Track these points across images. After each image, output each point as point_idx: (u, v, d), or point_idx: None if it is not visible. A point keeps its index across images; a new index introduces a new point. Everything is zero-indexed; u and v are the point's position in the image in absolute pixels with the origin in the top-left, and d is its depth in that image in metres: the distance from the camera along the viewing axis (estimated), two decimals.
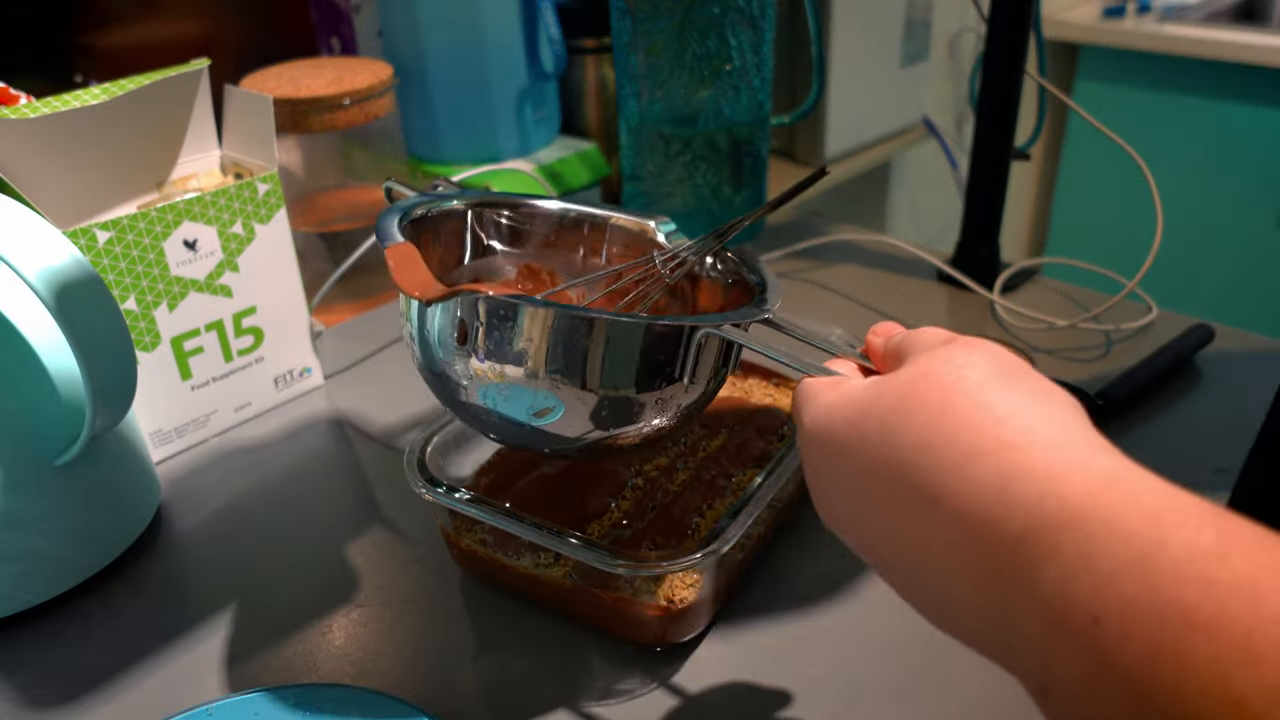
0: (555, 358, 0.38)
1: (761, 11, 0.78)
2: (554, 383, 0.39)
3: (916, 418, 0.27)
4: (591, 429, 0.40)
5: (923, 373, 0.29)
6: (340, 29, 1.01)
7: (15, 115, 0.54)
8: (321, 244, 0.83)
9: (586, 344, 0.38)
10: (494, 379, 0.39)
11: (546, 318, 0.38)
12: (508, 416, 0.41)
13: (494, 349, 0.39)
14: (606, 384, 0.39)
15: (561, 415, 0.40)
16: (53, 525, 0.50)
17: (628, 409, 0.40)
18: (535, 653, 0.47)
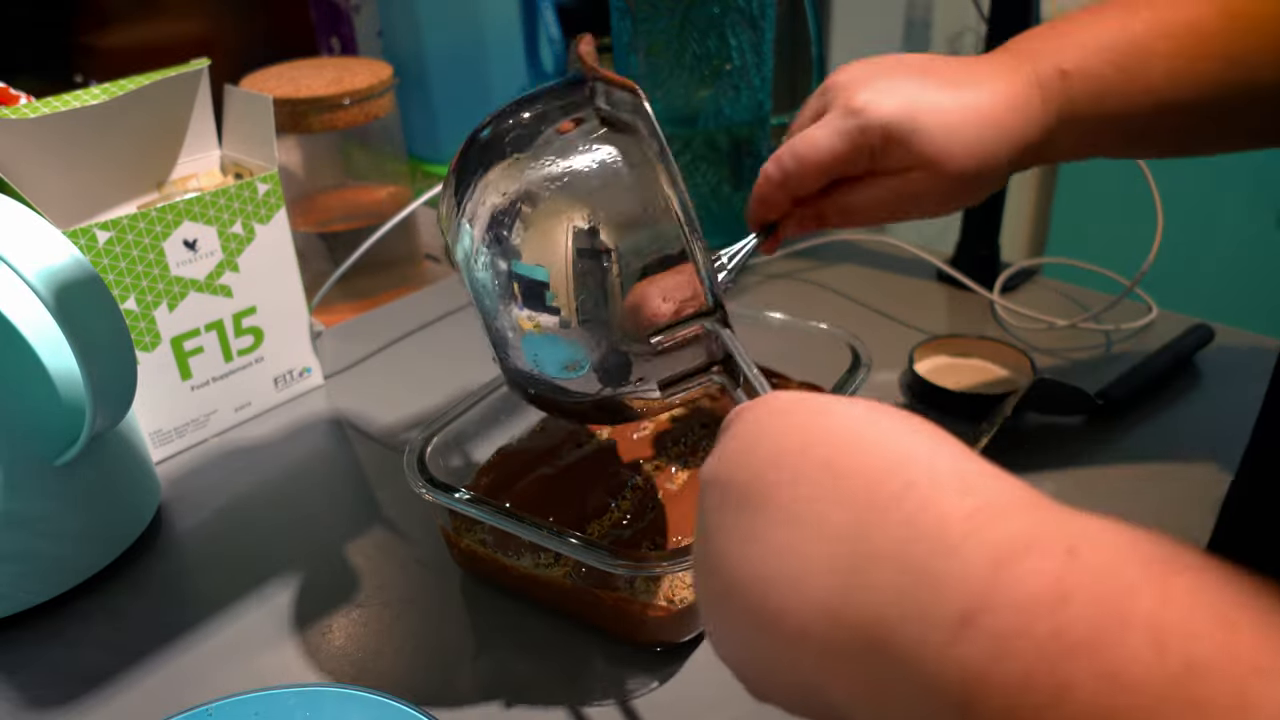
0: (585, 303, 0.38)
1: (761, 11, 0.78)
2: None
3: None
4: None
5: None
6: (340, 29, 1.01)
7: (15, 115, 0.54)
8: (321, 244, 0.83)
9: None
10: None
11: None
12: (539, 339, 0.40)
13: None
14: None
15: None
16: (53, 525, 0.50)
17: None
18: (535, 653, 0.47)
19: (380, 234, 0.74)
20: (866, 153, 0.47)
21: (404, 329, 0.77)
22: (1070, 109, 0.46)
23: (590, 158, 0.38)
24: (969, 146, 0.46)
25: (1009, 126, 0.46)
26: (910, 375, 0.65)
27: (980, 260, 0.78)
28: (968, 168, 0.46)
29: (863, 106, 0.46)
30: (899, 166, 0.47)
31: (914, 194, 0.47)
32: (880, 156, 0.47)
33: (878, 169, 0.48)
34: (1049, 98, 0.46)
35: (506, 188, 0.39)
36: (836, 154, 0.47)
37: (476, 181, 0.40)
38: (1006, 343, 0.67)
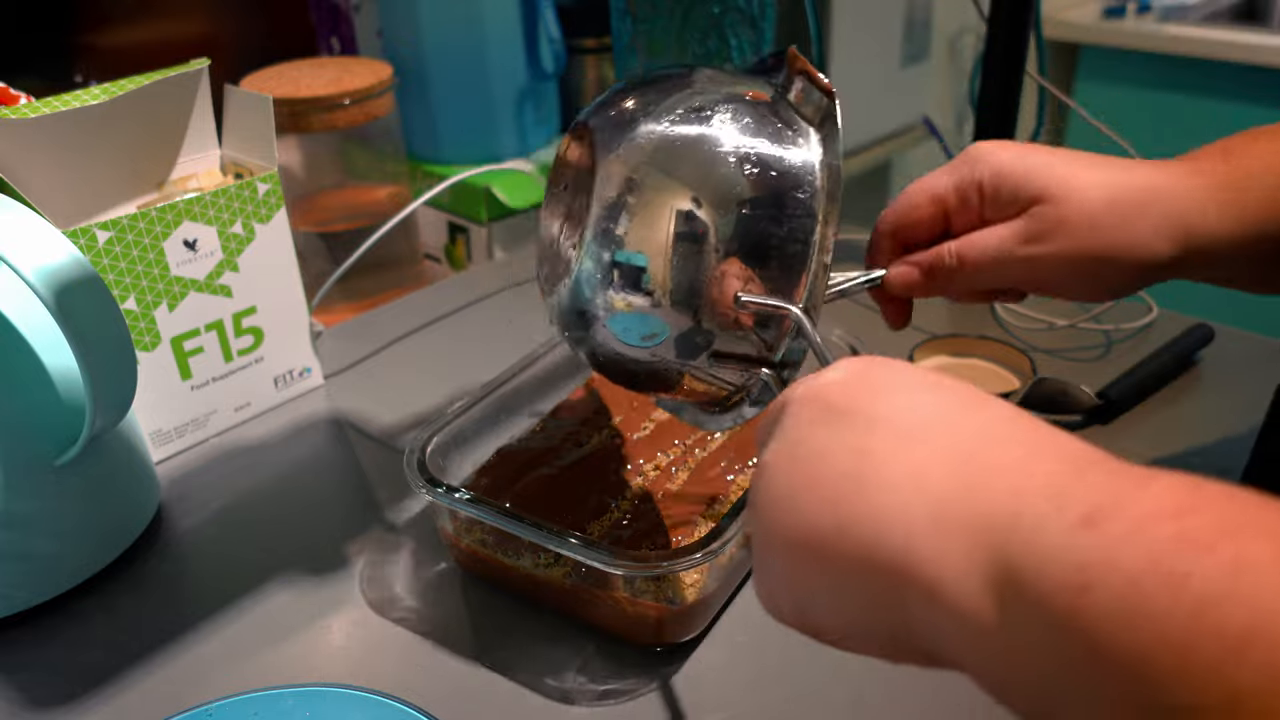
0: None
1: (761, 11, 0.78)
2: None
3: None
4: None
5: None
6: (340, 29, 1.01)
7: (15, 115, 0.54)
8: (321, 244, 0.83)
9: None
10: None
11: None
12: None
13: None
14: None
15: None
16: (53, 525, 0.50)
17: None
18: (535, 653, 0.47)
19: (380, 234, 0.74)
20: (975, 191, 0.43)
21: (404, 329, 0.77)
22: (1232, 181, 0.41)
23: (758, 128, 0.39)
24: (1104, 187, 0.41)
25: (1160, 189, 0.41)
26: None
27: None
28: (1102, 212, 0.40)
29: (979, 152, 0.43)
30: (1016, 204, 0.42)
31: (1040, 238, 0.42)
32: (992, 196, 0.43)
33: (993, 216, 0.43)
34: (1207, 171, 0.41)
35: (661, 114, 0.40)
36: (941, 187, 0.44)
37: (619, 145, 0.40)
38: (1006, 343, 0.67)
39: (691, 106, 0.40)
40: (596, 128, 0.41)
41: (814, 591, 0.27)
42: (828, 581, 0.26)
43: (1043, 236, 0.42)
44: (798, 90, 0.41)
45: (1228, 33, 1.59)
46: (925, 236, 0.46)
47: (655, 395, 0.46)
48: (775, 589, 0.29)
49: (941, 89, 1.62)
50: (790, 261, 0.39)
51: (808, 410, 0.29)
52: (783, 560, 0.28)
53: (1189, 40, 1.61)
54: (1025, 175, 0.42)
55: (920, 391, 0.28)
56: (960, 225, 0.45)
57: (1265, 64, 1.55)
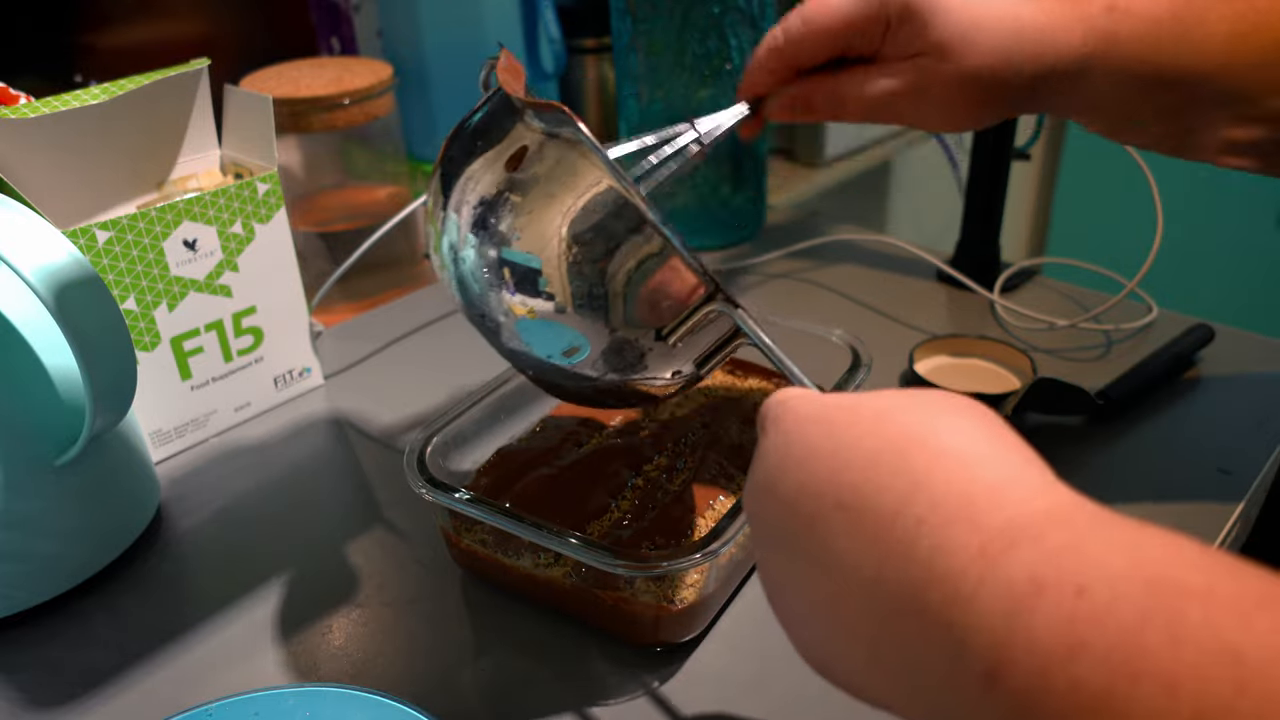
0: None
1: (761, 11, 0.78)
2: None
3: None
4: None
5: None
6: (340, 29, 1.01)
7: (15, 115, 0.54)
8: (321, 244, 0.83)
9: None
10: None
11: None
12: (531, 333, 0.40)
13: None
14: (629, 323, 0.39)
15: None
16: (53, 525, 0.50)
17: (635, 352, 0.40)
18: (535, 653, 0.47)
19: (380, 234, 0.74)
20: (881, 24, 0.43)
21: (404, 329, 0.77)
22: (1112, 46, 0.41)
23: (547, 186, 0.38)
24: (992, 42, 0.42)
25: (1040, 38, 0.42)
26: (910, 375, 0.65)
27: (980, 260, 0.78)
28: (984, 66, 0.42)
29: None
30: (910, 50, 0.43)
31: (919, 89, 0.43)
32: (894, 33, 0.43)
33: (887, 52, 0.44)
34: (1091, 26, 0.42)
35: (493, 180, 0.39)
36: (849, 17, 0.44)
37: (462, 172, 0.40)
38: (1006, 343, 0.67)
39: (493, 189, 0.39)
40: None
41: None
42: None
43: (924, 90, 0.43)
44: (536, 123, 0.39)
45: None
46: (817, 61, 0.46)
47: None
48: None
49: None
50: (664, 267, 0.38)
51: (752, 524, 0.31)
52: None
53: None
54: (926, 18, 0.42)
55: (829, 512, 0.26)
56: (857, 50, 0.45)
57: None
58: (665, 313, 0.39)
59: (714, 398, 0.60)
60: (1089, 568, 0.20)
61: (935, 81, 0.43)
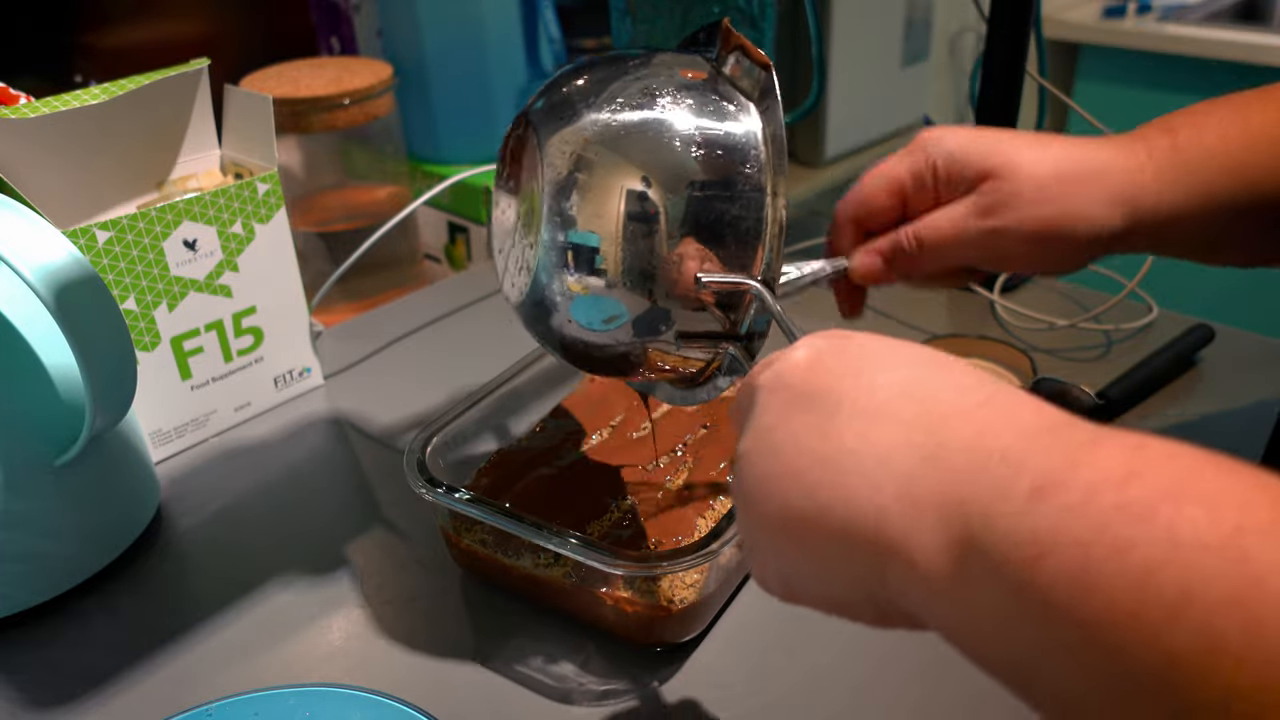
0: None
1: (761, 11, 0.78)
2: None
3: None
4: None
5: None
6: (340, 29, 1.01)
7: (15, 115, 0.54)
8: (321, 244, 0.83)
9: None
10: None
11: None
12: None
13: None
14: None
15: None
16: (53, 525, 0.50)
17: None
18: (535, 653, 0.47)
19: (380, 234, 0.74)
20: (929, 173, 0.44)
21: (404, 329, 0.77)
22: (1178, 158, 0.42)
23: (700, 106, 0.39)
24: (1057, 165, 0.43)
25: (1110, 168, 0.43)
26: None
27: None
28: (1053, 184, 0.42)
29: (930, 138, 0.45)
30: (969, 181, 0.44)
31: (994, 210, 0.43)
32: (945, 177, 0.44)
33: (948, 195, 0.45)
34: (1151, 145, 0.43)
35: (604, 99, 0.40)
36: (896, 172, 0.45)
37: (550, 139, 0.40)
38: (1007, 343, 0.67)
39: (632, 92, 0.39)
40: (538, 121, 0.41)
41: (799, 570, 0.29)
42: (811, 561, 0.28)
43: (995, 210, 0.44)
44: (733, 64, 0.41)
45: (1228, 33, 1.59)
46: (884, 222, 0.47)
47: (627, 378, 0.46)
48: (764, 569, 0.31)
49: (941, 89, 1.62)
50: (744, 237, 0.39)
51: (777, 398, 0.30)
52: (767, 544, 0.30)
53: (1189, 40, 1.61)
54: (976, 155, 0.44)
55: (881, 371, 0.29)
56: (917, 208, 0.46)
57: (1265, 64, 1.55)
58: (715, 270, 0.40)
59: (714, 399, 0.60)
60: (1147, 438, 0.22)
61: (1002, 199, 0.43)
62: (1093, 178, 0.43)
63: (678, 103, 0.39)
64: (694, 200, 0.38)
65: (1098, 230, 0.43)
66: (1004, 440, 0.24)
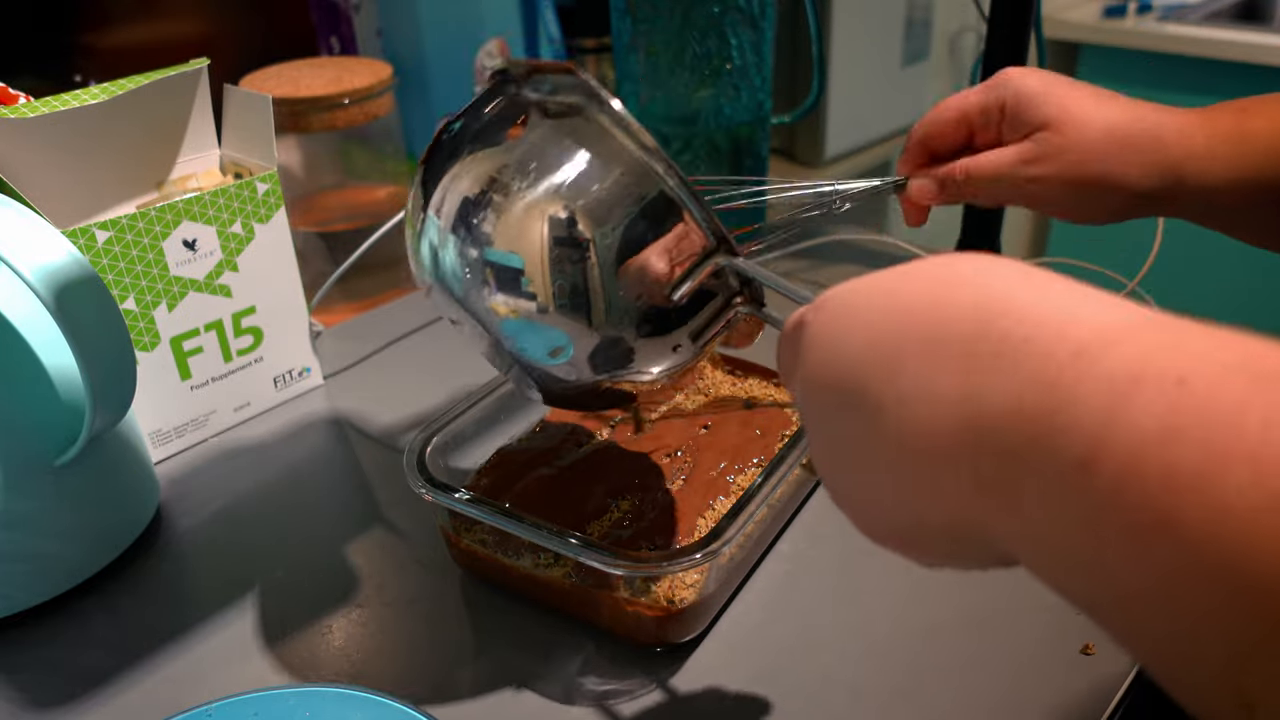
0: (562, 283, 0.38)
1: (761, 11, 0.78)
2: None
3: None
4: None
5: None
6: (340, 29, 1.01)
7: (15, 115, 0.54)
8: (321, 244, 0.83)
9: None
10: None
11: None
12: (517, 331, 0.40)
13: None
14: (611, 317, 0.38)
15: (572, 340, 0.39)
16: (53, 525, 0.50)
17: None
18: (535, 653, 0.47)
19: (380, 234, 0.74)
20: (997, 110, 0.47)
21: (404, 329, 0.77)
22: (1237, 136, 0.45)
23: (544, 158, 0.38)
24: (1110, 127, 0.45)
25: (1167, 136, 0.45)
26: None
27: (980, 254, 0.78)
28: (1100, 145, 0.46)
29: (1008, 74, 0.48)
30: (1027, 128, 0.47)
31: (1039, 161, 0.47)
32: (1010, 117, 0.47)
33: (1007, 135, 0.48)
34: (1224, 138, 0.45)
35: (476, 178, 0.38)
36: (966, 105, 0.49)
37: (444, 174, 0.39)
38: None
39: (475, 187, 0.38)
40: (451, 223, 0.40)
41: (918, 549, 0.29)
42: (921, 543, 0.28)
43: (1040, 160, 0.47)
44: (544, 88, 0.39)
45: (1228, 33, 1.59)
46: (951, 147, 0.51)
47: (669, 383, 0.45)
48: (883, 541, 0.30)
49: (941, 89, 1.62)
50: (673, 224, 0.38)
51: (817, 403, 0.29)
52: (880, 540, 0.30)
53: (1189, 40, 1.61)
54: (1038, 101, 0.46)
55: (902, 351, 0.27)
56: (982, 140, 0.49)
57: (1265, 64, 1.55)
58: (667, 276, 0.38)
59: (713, 398, 0.60)
60: (1190, 360, 0.20)
61: (1046, 153, 0.47)
62: (1140, 142, 0.45)
63: (530, 175, 0.38)
64: (615, 233, 0.37)
65: (1135, 192, 0.46)
66: (1038, 393, 0.22)
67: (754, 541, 0.50)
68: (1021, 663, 0.45)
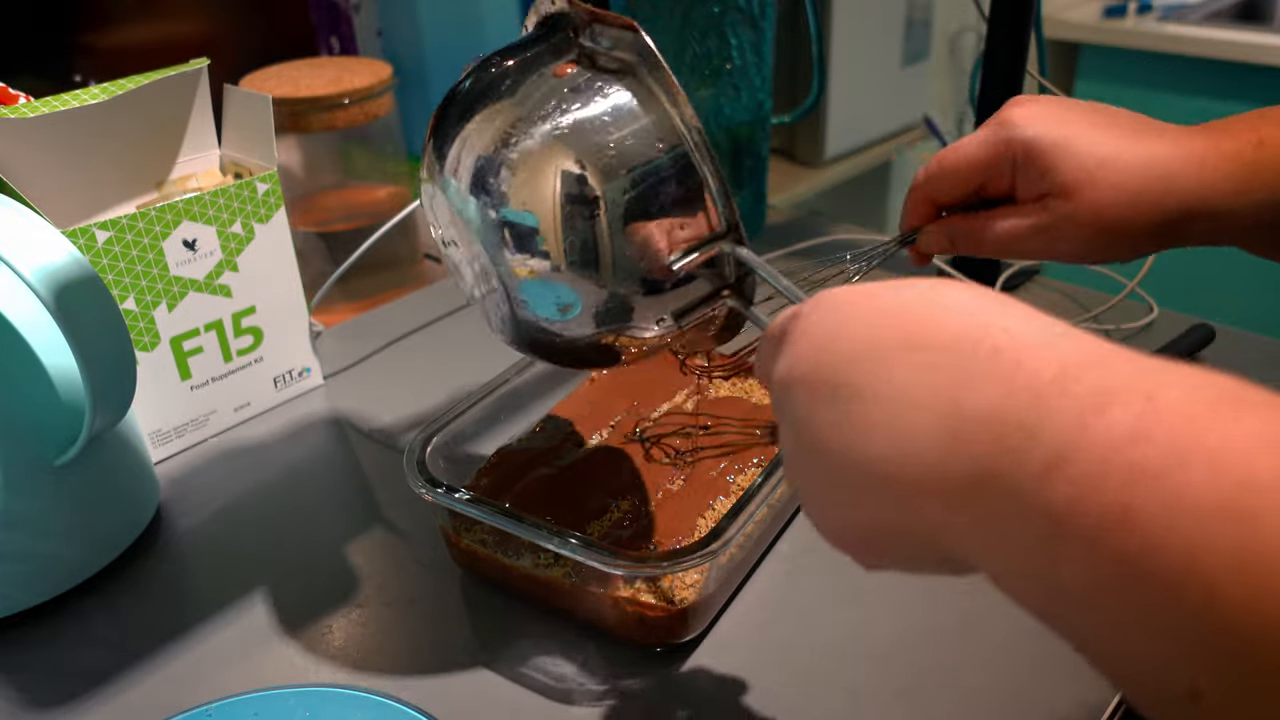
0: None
1: (761, 11, 0.78)
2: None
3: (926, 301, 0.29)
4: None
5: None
6: (340, 29, 1.01)
7: (15, 115, 0.54)
8: (321, 244, 0.83)
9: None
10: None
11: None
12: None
13: None
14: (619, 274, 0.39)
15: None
16: (53, 525, 0.50)
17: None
18: (535, 653, 0.47)
19: (380, 234, 0.74)
20: (1008, 164, 0.45)
21: (404, 329, 0.77)
22: (1257, 179, 0.42)
23: (584, 103, 0.38)
24: (1118, 181, 0.42)
25: (1178, 177, 0.42)
26: None
27: (980, 260, 0.78)
28: (1110, 204, 0.43)
29: (1015, 120, 0.44)
30: (1039, 190, 0.44)
31: (1048, 228, 0.45)
32: (1023, 173, 0.45)
33: (1020, 192, 0.46)
34: (1240, 162, 0.42)
35: (492, 135, 0.39)
36: (975, 160, 0.46)
37: (458, 133, 0.40)
38: None
39: (521, 120, 0.38)
40: (437, 167, 0.40)
41: (871, 549, 0.30)
42: (886, 556, 0.29)
43: (1055, 227, 0.45)
44: (601, 40, 0.39)
45: (1228, 33, 1.59)
46: (957, 199, 0.49)
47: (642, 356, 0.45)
48: (838, 539, 0.31)
49: (941, 89, 1.62)
50: (692, 198, 0.38)
51: (798, 395, 0.30)
52: (840, 542, 0.31)
53: (1189, 40, 1.61)
54: (1052, 161, 0.44)
55: (892, 352, 0.28)
56: (993, 191, 0.47)
57: (1265, 64, 1.55)
58: (674, 246, 0.39)
59: (714, 398, 0.60)
60: (1160, 382, 0.22)
61: (1063, 220, 0.44)
62: (1153, 194, 0.43)
63: (569, 112, 0.38)
64: (631, 189, 0.38)
65: (1148, 237, 0.44)
66: (1020, 401, 0.24)
67: (754, 541, 0.50)
68: (1021, 663, 0.45)
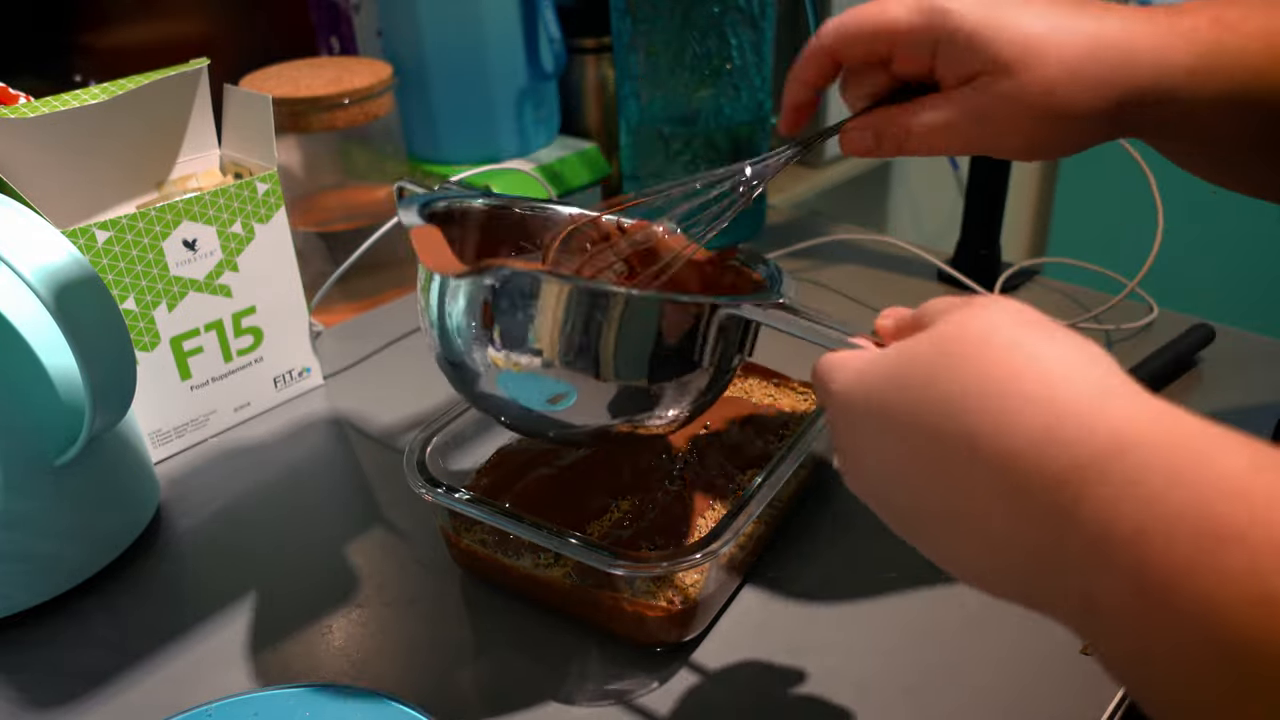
0: (572, 338, 0.38)
1: (762, 11, 0.78)
2: (570, 364, 0.39)
3: (956, 364, 0.28)
4: (608, 416, 0.40)
5: (957, 325, 0.29)
6: (340, 29, 1.01)
7: (15, 115, 0.54)
8: (321, 244, 0.83)
9: (603, 321, 0.38)
10: (512, 366, 0.39)
11: (567, 292, 0.38)
12: (524, 403, 0.41)
13: (514, 328, 0.39)
14: (621, 371, 0.39)
15: (575, 401, 0.40)
16: (53, 525, 0.50)
17: (643, 397, 0.40)
18: (535, 653, 0.47)
19: (380, 234, 0.74)
20: (928, 39, 0.40)
21: (404, 329, 0.77)
22: (1218, 63, 0.37)
23: None
24: (1059, 57, 0.38)
25: (1125, 55, 0.37)
26: None
27: (981, 260, 0.78)
28: (1049, 82, 0.38)
29: (947, 8, 0.39)
30: (967, 70, 0.39)
31: (980, 113, 0.40)
32: (945, 52, 0.40)
33: (944, 75, 0.41)
34: (1194, 40, 0.37)
35: None
36: (896, 22, 0.40)
37: None
38: None
39: None
40: None
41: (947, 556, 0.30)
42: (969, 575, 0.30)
43: (990, 111, 0.40)
44: None
45: None
46: (862, 61, 0.44)
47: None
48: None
49: None
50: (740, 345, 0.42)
51: (872, 505, 0.32)
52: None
53: None
54: (986, 41, 0.38)
55: (944, 458, 0.28)
56: (903, 67, 0.42)
57: None
58: (685, 349, 0.40)
59: None
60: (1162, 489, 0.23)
61: (996, 103, 0.39)
62: (1106, 71, 0.38)
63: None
64: None
65: (1099, 122, 0.39)
66: (1080, 540, 0.24)
67: (754, 541, 0.50)
68: (1022, 663, 0.45)
